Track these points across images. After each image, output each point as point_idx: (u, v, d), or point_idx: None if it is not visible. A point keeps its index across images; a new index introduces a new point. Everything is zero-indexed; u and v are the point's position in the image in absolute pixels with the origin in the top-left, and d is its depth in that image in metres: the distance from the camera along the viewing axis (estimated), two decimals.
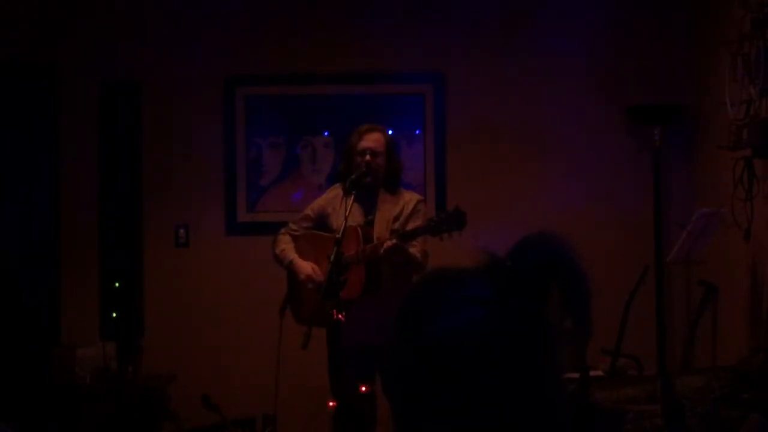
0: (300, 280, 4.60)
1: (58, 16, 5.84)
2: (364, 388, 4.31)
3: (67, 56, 5.81)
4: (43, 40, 5.82)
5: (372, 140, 4.61)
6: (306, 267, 4.61)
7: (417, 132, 5.84)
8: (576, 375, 3.85)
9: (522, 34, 5.82)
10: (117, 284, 4.68)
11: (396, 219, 4.58)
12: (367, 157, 4.56)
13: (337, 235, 4.31)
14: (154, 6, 5.88)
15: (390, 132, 4.95)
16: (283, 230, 4.79)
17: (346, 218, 4.34)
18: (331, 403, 4.44)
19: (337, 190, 4.74)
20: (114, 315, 4.68)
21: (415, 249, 4.45)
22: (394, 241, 4.34)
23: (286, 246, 4.72)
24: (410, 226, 4.51)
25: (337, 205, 4.67)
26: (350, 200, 4.39)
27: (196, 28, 5.85)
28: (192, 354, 5.76)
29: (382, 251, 4.35)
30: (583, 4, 5.80)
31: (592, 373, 4.36)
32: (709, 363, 5.14)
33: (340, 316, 4.26)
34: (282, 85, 5.88)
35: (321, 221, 4.72)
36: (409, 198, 4.68)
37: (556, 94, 5.79)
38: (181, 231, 5.86)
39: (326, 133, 5.88)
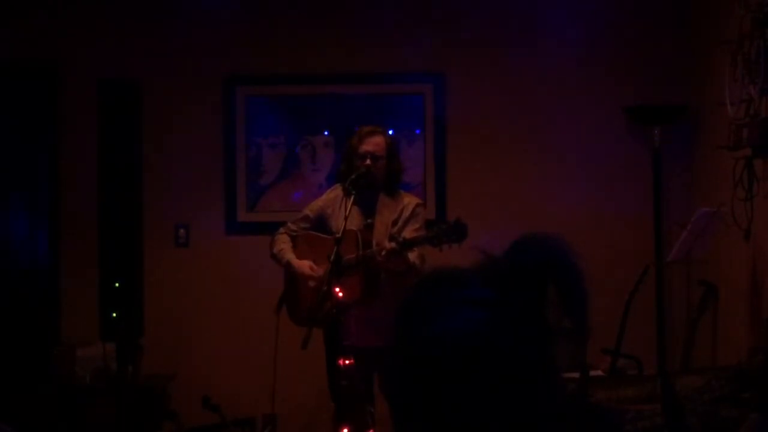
0: (302, 279, 4.59)
1: (57, 15, 5.84)
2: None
3: (67, 55, 5.81)
4: (42, 39, 5.82)
5: (373, 144, 4.59)
6: (304, 266, 4.60)
7: (417, 132, 5.84)
8: (576, 375, 3.85)
9: (522, 34, 5.82)
10: (117, 284, 4.68)
11: (395, 223, 4.56)
12: (368, 161, 4.55)
13: (338, 235, 4.30)
14: (154, 5, 5.88)
15: (390, 132, 4.95)
16: (281, 230, 4.78)
17: (345, 219, 4.34)
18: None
19: (337, 191, 4.72)
20: (114, 315, 4.67)
21: (413, 255, 4.44)
22: (393, 245, 4.32)
23: (283, 246, 4.71)
24: (409, 231, 4.49)
25: (336, 206, 4.66)
26: (350, 201, 4.39)
27: (196, 27, 5.85)
28: (192, 354, 5.76)
29: (381, 256, 4.34)
30: (583, 5, 5.80)
31: (592, 373, 4.36)
32: (709, 363, 5.14)
33: (338, 317, 4.26)
34: (282, 84, 5.88)
35: (320, 222, 4.71)
36: (408, 201, 4.66)
37: (556, 94, 5.79)
38: (181, 231, 5.86)
39: (326, 133, 5.88)
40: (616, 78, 5.77)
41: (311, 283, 4.53)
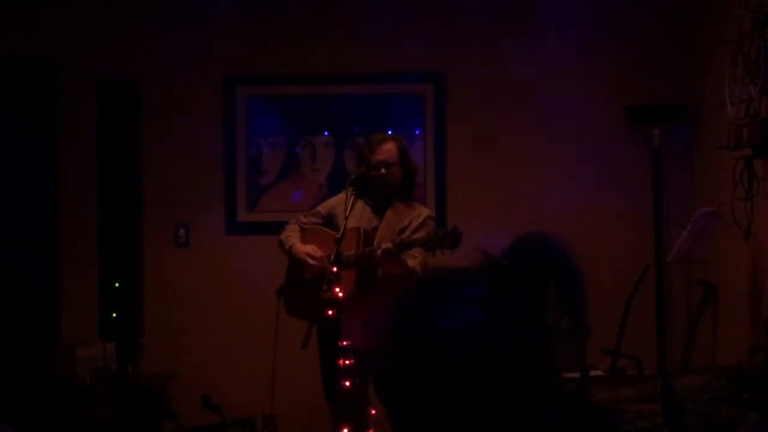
0: (301, 260, 4.64)
1: (57, 15, 5.84)
2: (348, 383, 4.30)
3: (67, 55, 5.81)
4: (42, 39, 5.82)
5: (385, 152, 4.62)
6: (306, 247, 4.68)
7: (417, 132, 5.84)
8: (576, 375, 3.85)
9: (522, 34, 5.82)
10: (117, 284, 4.67)
11: (402, 231, 4.59)
12: (383, 170, 4.58)
13: (338, 235, 4.32)
14: (154, 5, 5.88)
15: (389, 132, 4.96)
16: (293, 220, 4.86)
17: (345, 219, 4.36)
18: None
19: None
20: (114, 315, 4.67)
21: (414, 261, 4.45)
22: (389, 245, 4.35)
23: (291, 233, 4.78)
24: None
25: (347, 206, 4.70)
26: (350, 202, 4.41)
27: (196, 27, 5.85)
28: (192, 354, 5.76)
29: (378, 254, 4.37)
30: (582, 5, 5.80)
31: (592, 373, 4.36)
32: (709, 363, 5.14)
33: (331, 312, 4.26)
34: (282, 85, 5.88)
35: (330, 220, 4.76)
36: (419, 212, 4.70)
37: (555, 93, 5.79)
38: (181, 231, 5.86)
39: (326, 133, 5.87)
40: (616, 78, 5.77)
41: (310, 261, 4.59)
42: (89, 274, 5.07)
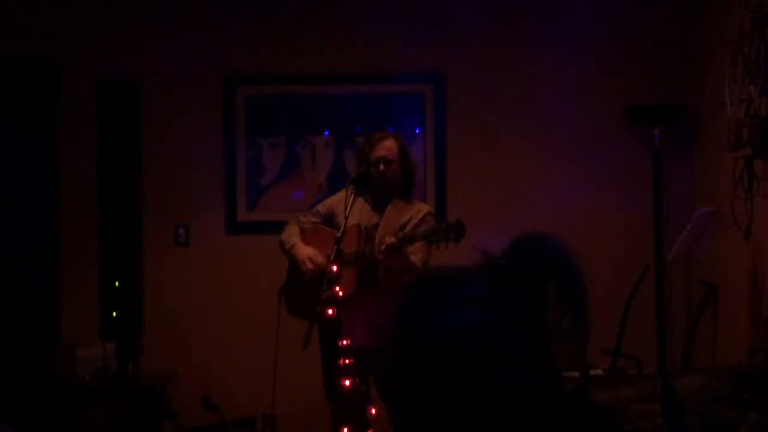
0: (300, 262, 4.64)
1: (57, 15, 5.84)
2: (348, 383, 4.30)
3: (67, 55, 5.81)
4: (42, 39, 5.82)
5: (384, 149, 4.64)
6: (307, 250, 4.66)
7: (417, 132, 5.84)
8: (576, 375, 3.85)
9: (522, 34, 5.82)
10: (117, 283, 4.68)
11: (402, 227, 4.60)
12: (381, 166, 4.59)
13: (338, 234, 4.33)
14: (154, 5, 5.88)
15: (391, 130, 4.97)
16: (293, 220, 4.85)
17: (346, 218, 4.37)
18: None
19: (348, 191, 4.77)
20: (114, 314, 4.67)
21: (416, 257, 4.46)
22: (393, 240, 4.36)
23: (291, 233, 4.78)
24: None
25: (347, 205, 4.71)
26: (350, 200, 4.42)
27: (196, 27, 5.85)
28: (192, 354, 5.76)
29: (381, 251, 4.37)
30: (582, 4, 5.80)
31: (592, 373, 4.37)
32: (709, 363, 5.15)
33: (331, 311, 4.27)
34: (282, 85, 5.88)
35: (330, 219, 4.77)
36: (419, 209, 4.73)
37: (556, 94, 5.79)
38: (181, 230, 5.86)
39: (326, 133, 5.87)
40: (616, 78, 5.77)
41: (309, 266, 4.56)
42: (89, 274, 5.08)
